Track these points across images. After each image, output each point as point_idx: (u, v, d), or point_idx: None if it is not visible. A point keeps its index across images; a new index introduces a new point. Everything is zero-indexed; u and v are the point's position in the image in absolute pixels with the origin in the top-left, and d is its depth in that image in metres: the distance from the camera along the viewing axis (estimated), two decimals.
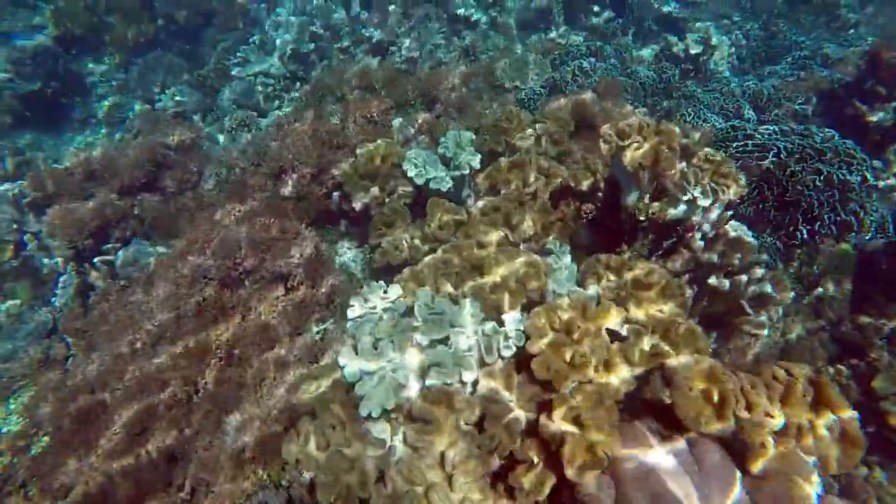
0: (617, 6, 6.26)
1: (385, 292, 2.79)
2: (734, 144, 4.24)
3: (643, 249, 3.35)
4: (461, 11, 6.53)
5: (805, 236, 3.48)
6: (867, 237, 3.45)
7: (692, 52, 5.40)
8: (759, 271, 3.11)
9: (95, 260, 4.21)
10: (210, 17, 7.07)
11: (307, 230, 3.93)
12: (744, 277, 3.07)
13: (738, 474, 1.77)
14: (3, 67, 5.94)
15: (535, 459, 1.98)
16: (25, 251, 4.17)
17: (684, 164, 3.04)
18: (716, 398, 1.83)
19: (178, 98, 6.04)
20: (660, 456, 1.82)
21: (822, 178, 3.42)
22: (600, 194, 3.60)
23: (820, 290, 3.54)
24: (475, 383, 2.29)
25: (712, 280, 3.24)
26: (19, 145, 6.05)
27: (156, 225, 4.43)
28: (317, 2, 6.29)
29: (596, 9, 6.40)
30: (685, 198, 3.08)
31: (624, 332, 2.34)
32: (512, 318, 2.57)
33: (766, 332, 3.19)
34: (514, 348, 2.32)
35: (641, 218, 3.25)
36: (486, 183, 3.78)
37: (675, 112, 5.00)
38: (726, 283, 3.19)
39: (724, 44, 5.66)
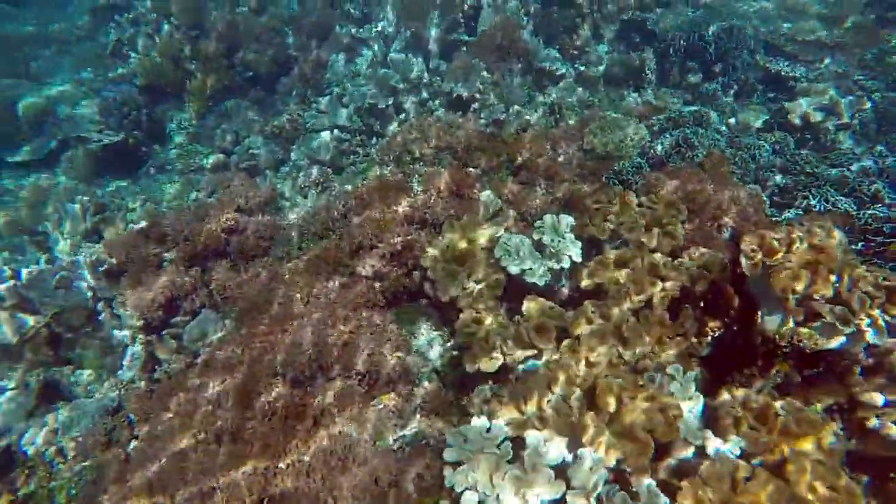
0: (718, 63, 5.75)
1: (488, 431, 2.39)
2: (878, 239, 3.66)
3: (776, 380, 2.85)
4: (546, 65, 6.19)
5: None
6: None
7: (812, 119, 4.82)
8: None
9: (164, 333, 4.02)
10: (286, 66, 7.02)
11: (389, 324, 3.61)
12: None
13: None
14: (92, 119, 6.00)
15: None
16: (98, 319, 4.02)
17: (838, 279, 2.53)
18: None
19: (251, 150, 5.93)
20: None
21: None
22: (720, 301, 3.10)
23: None
24: None
25: (872, 424, 2.68)
26: (101, 196, 6.08)
27: (225, 296, 4.21)
28: (395, 55, 6.09)
29: (693, 65, 5.91)
30: (848, 330, 2.55)
31: None
32: (643, 489, 2.11)
33: None
34: None
35: (783, 344, 2.73)
36: (589, 280, 3.34)
37: (794, 191, 4.43)
38: (893, 431, 2.64)
39: (845, 107, 5.06)
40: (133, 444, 3.66)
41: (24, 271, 4.01)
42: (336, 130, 5.78)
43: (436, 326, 4.15)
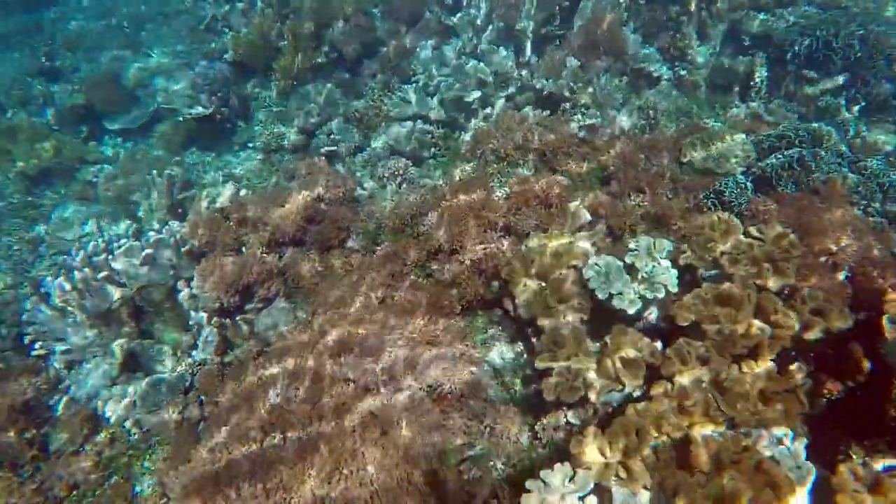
0: (844, 74, 5.19)
1: (570, 480, 2.22)
2: None
3: None
4: (643, 66, 5.80)
5: None
6: None
7: None
8: None
9: (238, 318, 4.07)
10: (373, 49, 6.93)
11: (463, 334, 3.48)
12: None
13: None
14: (184, 93, 6.15)
15: None
16: (177, 298, 4.12)
17: None
18: None
19: (333, 136, 5.90)
20: None
21: None
22: (844, 361, 2.76)
23: None
24: None
25: None
26: (187, 167, 6.26)
27: (300, 286, 4.22)
28: (486, 46, 5.87)
29: (812, 75, 5.36)
30: None
31: None
32: None
33: None
34: None
35: None
36: (684, 314, 3.07)
37: None
38: None
39: None
40: (202, 425, 3.75)
41: (115, 245, 4.16)
42: (419, 121, 5.65)
43: (510, 339, 4.00)
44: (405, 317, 3.54)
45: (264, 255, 4.18)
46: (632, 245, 3.44)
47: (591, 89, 5.47)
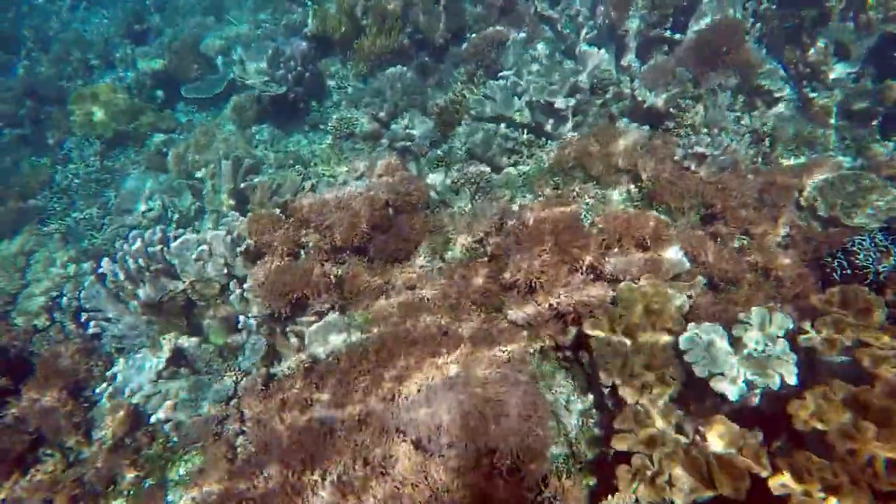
0: None
1: None
2: None
3: None
4: (765, 83, 5.06)
5: None
6: None
7: None
8: None
9: (288, 329, 3.82)
10: (460, 36, 6.46)
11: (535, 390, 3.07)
12: None
13: None
14: (260, 68, 5.92)
15: None
16: (229, 298, 3.91)
17: None
18: None
19: (409, 130, 5.52)
20: None
21: None
22: None
23: None
24: None
25: None
26: (255, 146, 6.07)
27: (358, 300, 3.92)
28: (586, 46, 5.28)
29: None
30: None
31: None
32: None
33: None
34: None
35: None
36: (805, 418, 2.54)
37: None
38: None
39: None
40: (240, 439, 3.56)
41: (172, 235, 3.99)
42: (503, 124, 5.18)
43: (580, 389, 3.58)
44: (471, 360, 3.17)
45: (323, 262, 3.89)
46: (742, 316, 2.91)
47: (700, 107, 4.81)
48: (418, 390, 2.96)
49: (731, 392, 2.74)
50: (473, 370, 3.08)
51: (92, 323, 4.12)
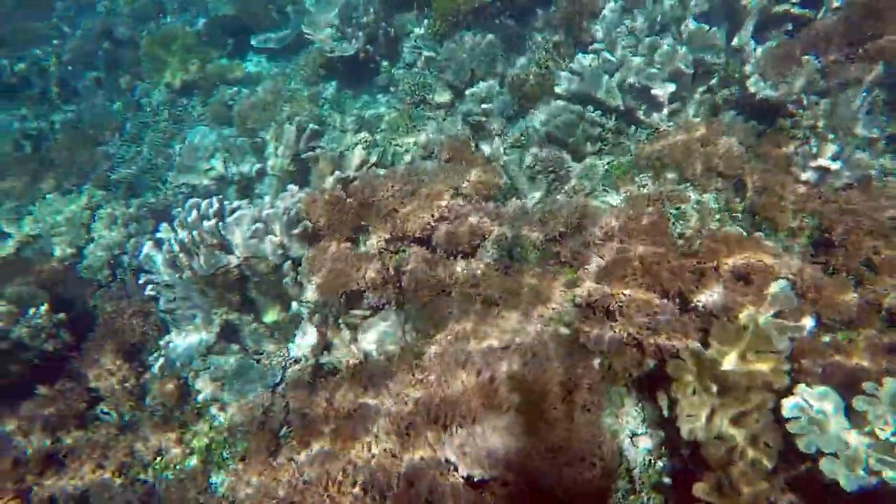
0: None
1: None
2: None
3: None
4: None
5: None
6: None
7: None
8: None
9: (341, 321, 3.63)
10: None
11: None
12: None
13: None
14: (331, 22, 5.55)
15: None
16: (283, 280, 3.75)
17: None
18: None
19: (484, 103, 5.08)
20: None
21: None
22: None
23: None
24: None
25: None
26: (322, 103, 5.81)
27: (417, 295, 3.66)
28: (693, 24, 4.60)
29: None
30: None
31: None
32: None
33: None
34: None
35: None
36: None
37: None
38: None
39: None
40: (284, 429, 3.45)
41: (229, 208, 3.82)
42: (589, 105, 4.65)
43: (649, 420, 3.25)
44: (540, 387, 2.88)
45: (383, 252, 3.64)
46: (867, 386, 2.45)
47: (826, 107, 4.12)
48: (473, 420, 2.70)
49: (848, 481, 2.33)
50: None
51: (149, 286, 4.08)
